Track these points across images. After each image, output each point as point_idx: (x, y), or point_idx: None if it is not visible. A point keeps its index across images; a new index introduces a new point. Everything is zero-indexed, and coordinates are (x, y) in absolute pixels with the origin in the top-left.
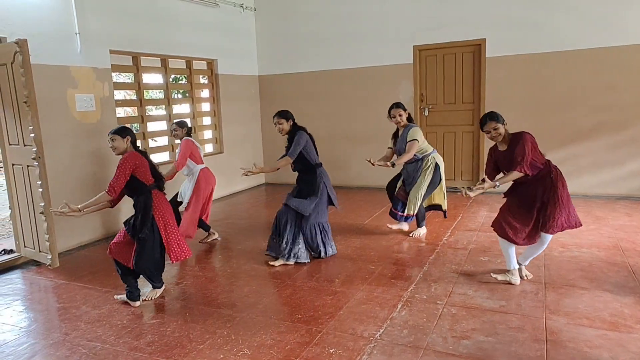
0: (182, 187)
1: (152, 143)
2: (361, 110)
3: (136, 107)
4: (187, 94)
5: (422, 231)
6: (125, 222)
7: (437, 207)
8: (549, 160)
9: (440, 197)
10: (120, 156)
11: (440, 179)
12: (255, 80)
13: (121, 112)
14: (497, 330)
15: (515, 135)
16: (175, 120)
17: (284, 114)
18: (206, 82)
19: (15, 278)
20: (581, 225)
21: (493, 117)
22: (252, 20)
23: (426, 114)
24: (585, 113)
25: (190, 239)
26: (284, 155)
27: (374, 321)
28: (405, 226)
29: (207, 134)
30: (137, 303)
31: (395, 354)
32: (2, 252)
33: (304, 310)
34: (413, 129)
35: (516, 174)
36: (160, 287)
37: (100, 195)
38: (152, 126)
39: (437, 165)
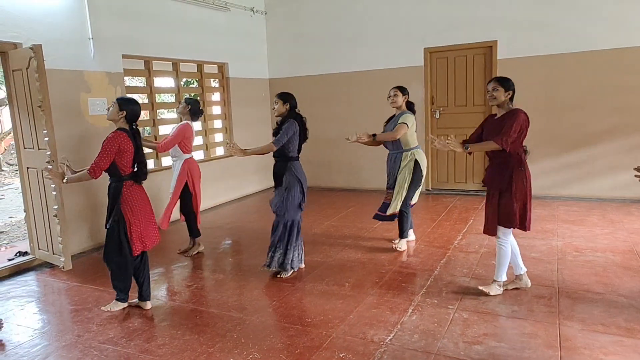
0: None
1: None
2: (371, 113)
3: (148, 111)
4: (198, 98)
5: (404, 244)
6: None
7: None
8: (525, 153)
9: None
10: (111, 123)
11: (422, 178)
12: (266, 83)
13: None
14: (510, 336)
15: (514, 109)
16: (185, 97)
17: (283, 96)
18: (217, 85)
19: (29, 280)
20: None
21: (499, 79)
22: (262, 23)
23: (437, 116)
24: (599, 115)
25: (162, 228)
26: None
27: (384, 325)
28: (403, 245)
29: (218, 137)
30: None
31: (405, 358)
32: (17, 255)
33: (314, 314)
34: (407, 114)
35: (492, 145)
36: (123, 301)
37: (82, 173)
38: (163, 129)
39: (416, 162)
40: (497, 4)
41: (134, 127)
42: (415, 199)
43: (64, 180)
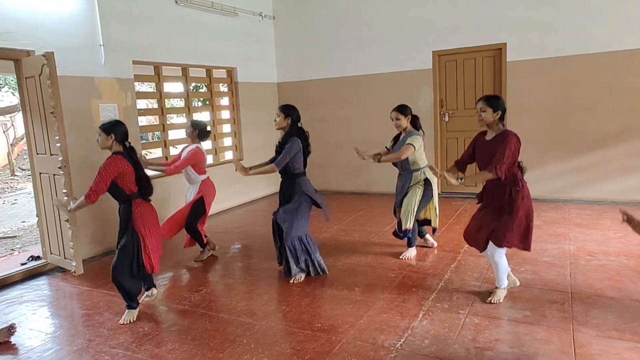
0: (187, 194)
1: (173, 151)
2: (380, 116)
3: (158, 116)
4: (207, 102)
5: (413, 253)
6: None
7: (427, 223)
8: (520, 171)
9: (431, 213)
10: (106, 151)
11: (432, 195)
12: (274, 87)
13: (143, 120)
14: (522, 341)
15: (505, 131)
16: (191, 119)
17: (284, 109)
18: (226, 90)
19: (41, 284)
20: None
21: (488, 98)
22: (270, 28)
23: (446, 119)
24: (611, 117)
25: (165, 238)
26: (272, 160)
27: (394, 330)
28: (410, 252)
29: (227, 142)
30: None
31: None
32: (30, 259)
33: (324, 319)
34: (414, 135)
35: (487, 175)
36: (135, 308)
37: (80, 201)
38: (173, 134)
39: (427, 181)
40: (505, 6)
41: (127, 145)
42: (435, 222)
43: (68, 210)
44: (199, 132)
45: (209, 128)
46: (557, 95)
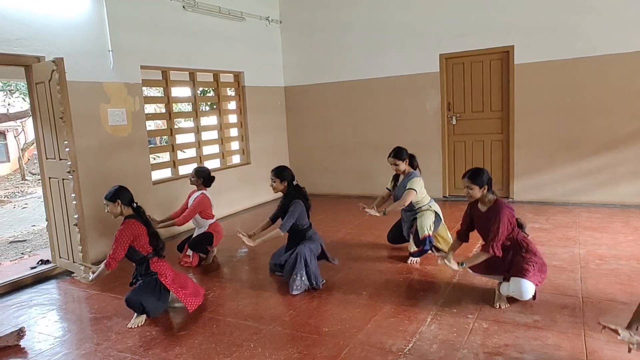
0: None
1: (180, 155)
2: (387, 120)
3: (165, 120)
4: (215, 106)
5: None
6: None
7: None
8: (521, 229)
9: (441, 242)
10: (120, 218)
11: (441, 222)
12: (282, 91)
13: (151, 125)
14: (532, 347)
15: (496, 204)
16: (195, 167)
17: (278, 173)
18: (233, 94)
19: (51, 288)
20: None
21: (471, 176)
22: (277, 32)
23: (454, 122)
24: (621, 119)
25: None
26: (273, 218)
27: (402, 335)
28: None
29: (234, 145)
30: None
31: None
32: (40, 263)
33: (331, 323)
34: (414, 178)
35: (486, 255)
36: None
37: (100, 270)
38: (180, 138)
39: (435, 212)
40: (513, 8)
41: (135, 206)
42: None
43: (90, 280)
44: (203, 180)
45: (212, 174)
46: (565, 98)
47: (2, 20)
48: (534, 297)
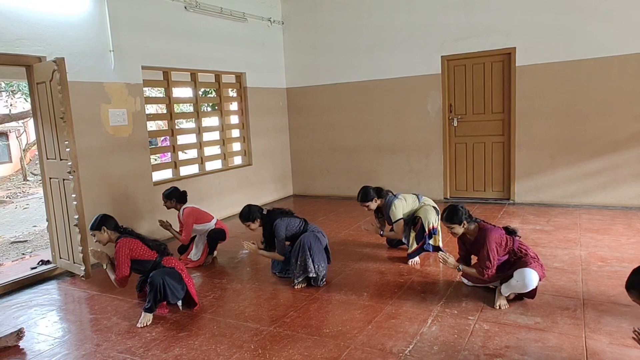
0: (197, 242)
1: (182, 155)
2: (389, 121)
3: (167, 121)
4: (216, 107)
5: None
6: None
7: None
8: (514, 240)
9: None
10: (112, 243)
11: (438, 213)
12: (283, 92)
13: (153, 125)
14: (533, 348)
15: (482, 232)
16: (163, 192)
17: (247, 217)
18: (235, 95)
19: (51, 289)
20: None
21: (448, 218)
22: (279, 33)
23: (455, 124)
24: (622, 121)
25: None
26: (265, 246)
27: (403, 336)
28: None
29: (236, 146)
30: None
31: None
32: (40, 263)
33: (332, 324)
34: (392, 208)
35: (478, 275)
36: (153, 312)
37: (111, 276)
38: (182, 139)
39: (433, 208)
40: (514, 11)
41: (122, 228)
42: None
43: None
44: (176, 199)
45: (182, 189)
46: (567, 100)
47: (3, 20)
48: (534, 294)
